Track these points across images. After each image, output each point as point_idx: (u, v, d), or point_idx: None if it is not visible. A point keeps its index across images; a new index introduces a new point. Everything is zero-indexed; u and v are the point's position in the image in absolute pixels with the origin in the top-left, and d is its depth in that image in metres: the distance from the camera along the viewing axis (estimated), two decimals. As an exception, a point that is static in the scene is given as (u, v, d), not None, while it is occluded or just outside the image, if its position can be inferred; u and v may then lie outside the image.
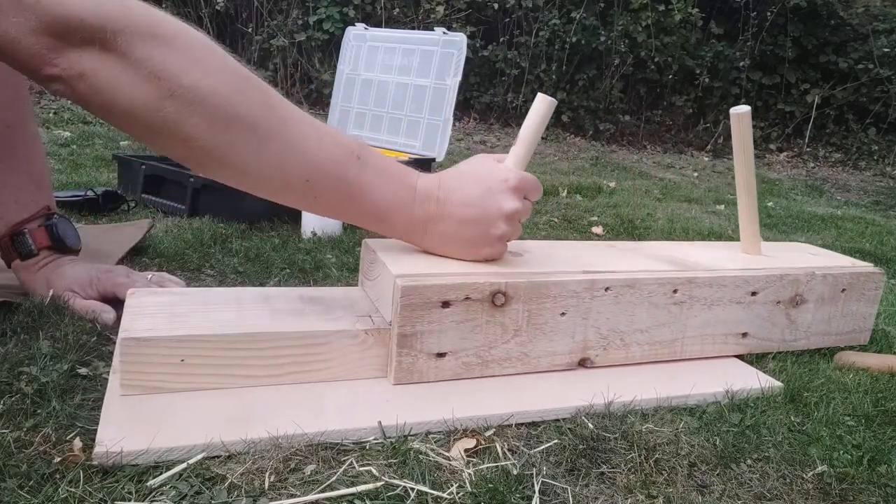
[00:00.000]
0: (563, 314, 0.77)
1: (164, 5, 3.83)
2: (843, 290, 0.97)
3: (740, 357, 0.92)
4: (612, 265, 0.83)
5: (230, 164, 0.67)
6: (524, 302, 0.74)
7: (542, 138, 4.47)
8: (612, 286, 0.79)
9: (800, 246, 1.12)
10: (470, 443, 0.64)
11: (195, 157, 0.66)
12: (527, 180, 0.76)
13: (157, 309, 0.71)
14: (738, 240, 1.04)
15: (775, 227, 2.16)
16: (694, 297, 0.85)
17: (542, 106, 0.80)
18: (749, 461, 0.67)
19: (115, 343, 0.78)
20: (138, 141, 0.67)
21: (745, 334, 0.91)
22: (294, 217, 1.43)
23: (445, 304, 0.70)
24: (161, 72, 0.59)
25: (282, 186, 0.70)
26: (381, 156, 0.74)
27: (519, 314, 0.75)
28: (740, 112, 0.92)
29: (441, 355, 0.73)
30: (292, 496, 0.54)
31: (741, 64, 4.90)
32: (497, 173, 0.75)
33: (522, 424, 0.70)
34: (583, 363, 0.81)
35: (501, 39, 4.64)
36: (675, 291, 0.83)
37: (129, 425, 0.59)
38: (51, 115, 3.00)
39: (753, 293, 0.89)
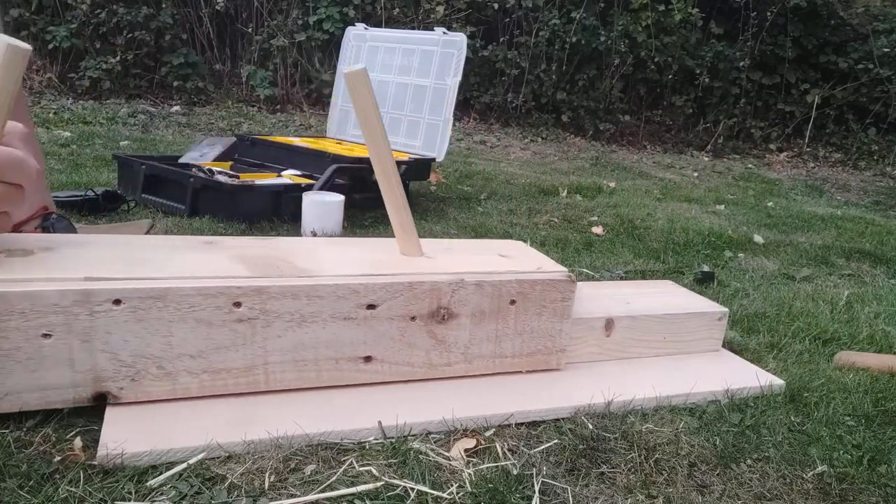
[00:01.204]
0: (45, 336, 0.59)
1: (163, 5, 3.83)
2: (513, 301, 0.77)
3: (736, 353, 0.92)
4: (136, 270, 0.64)
5: None
6: None
7: (542, 138, 4.47)
8: (126, 298, 0.61)
9: (491, 244, 0.91)
10: (470, 443, 0.64)
11: None
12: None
13: None
14: (738, 241, 1.02)
15: (775, 227, 2.16)
16: (270, 311, 0.66)
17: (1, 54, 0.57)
18: (749, 461, 0.67)
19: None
20: None
21: (368, 358, 0.72)
22: (294, 217, 1.43)
23: None
24: None
25: None
26: None
27: None
28: (354, 70, 0.72)
29: None
30: (292, 496, 0.54)
31: (741, 64, 4.90)
32: None
33: (522, 424, 0.70)
34: (101, 398, 0.63)
35: (501, 39, 4.64)
36: (237, 305, 0.65)
37: (131, 426, 0.59)
38: (51, 115, 3.00)
39: (370, 306, 0.70)
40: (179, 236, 0.77)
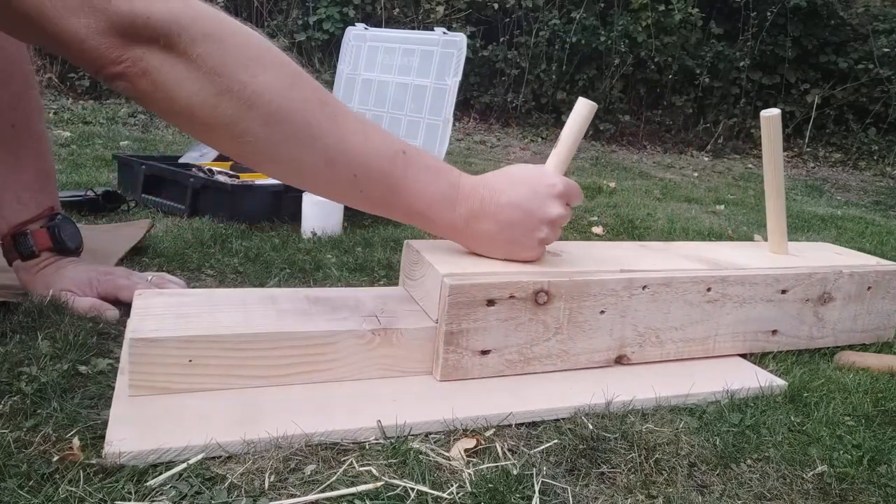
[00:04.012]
0: (602, 312, 0.79)
1: (164, 5, 3.83)
2: (869, 287, 0.99)
3: (743, 356, 0.93)
4: (648, 264, 0.85)
5: (282, 159, 0.67)
6: (566, 300, 0.76)
7: (542, 137, 4.46)
8: (650, 284, 0.81)
9: (824, 245, 1.15)
10: (470, 443, 0.64)
11: (248, 152, 0.66)
12: (572, 187, 0.78)
13: (164, 310, 0.71)
14: (738, 240, 1.05)
15: (775, 227, 2.16)
16: (727, 295, 0.87)
17: (583, 109, 0.81)
18: (749, 461, 0.67)
19: (114, 341, 0.78)
20: (196, 138, 0.71)
21: (774, 332, 0.92)
22: (294, 217, 1.43)
23: (490, 303, 0.72)
24: (220, 68, 0.61)
25: (329, 181, 0.71)
26: (425, 153, 0.75)
27: (560, 312, 0.76)
28: (770, 115, 0.93)
29: (485, 352, 0.74)
30: (292, 496, 0.54)
31: (741, 64, 4.90)
32: (545, 178, 0.76)
33: (522, 424, 0.70)
34: (619, 360, 0.83)
35: (501, 39, 4.64)
36: (708, 289, 0.85)
37: (137, 426, 0.60)
38: (51, 115, 3.00)
39: (783, 291, 0.91)
40: (616, 243, 1.01)
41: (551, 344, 0.78)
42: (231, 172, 1.55)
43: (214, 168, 1.56)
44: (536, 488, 0.58)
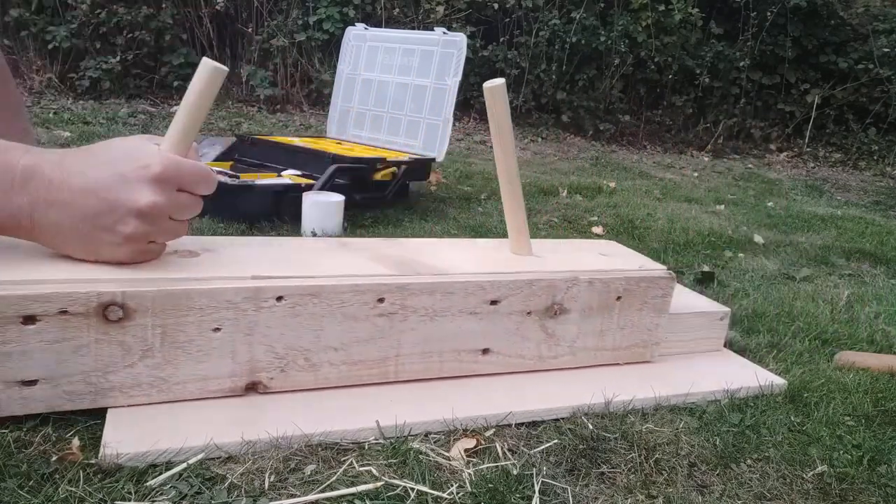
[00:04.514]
0: (216, 330, 0.64)
1: (163, 5, 3.83)
2: (619, 297, 0.82)
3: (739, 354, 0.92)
4: (295, 269, 0.69)
5: None
6: (155, 316, 0.61)
7: (542, 138, 4.46)
8: (288, 295, 0.65)
9: (590, 244, 0.96)
10: (470, 443, 0.64)
11: None
12: (179, 168, 0.61)
13: None
14: (738, 240, 1.03)
15: (775, 227, 2.16)
16: (408, 307, 0.71)
17: (204, 72, 0.62)
18: (749, 461, 0.67)
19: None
20: None
21: (486, 350, 0.77)
22: (294, 217, 1.43)
23: (29, 320, 0.56)
24: None
25: None
26: None
27: (147, 331, 0.61)
28: (493, 86, 0.76)
29: (30, 383, 0.59)
30: (292, 496, 0.54)
31: (741, 64, 4.90)
32: (138, 157, 0.60)
33: (522, 424, 0.70)
34: (253, 388, 0.67)
35: (501, 39, 4.63)
36: (380, 301, 0.69)
37: (134, 426, 0.60)
38: (51, 115, 2.99)
39: (493, 302, 0.75)
40: (315, 238, 0.84)
41: (138, 371, 0.61)
42: (231, 172, 1.55)
43: (214, 168, 1.56)
44: (536, 488, 0.58)
